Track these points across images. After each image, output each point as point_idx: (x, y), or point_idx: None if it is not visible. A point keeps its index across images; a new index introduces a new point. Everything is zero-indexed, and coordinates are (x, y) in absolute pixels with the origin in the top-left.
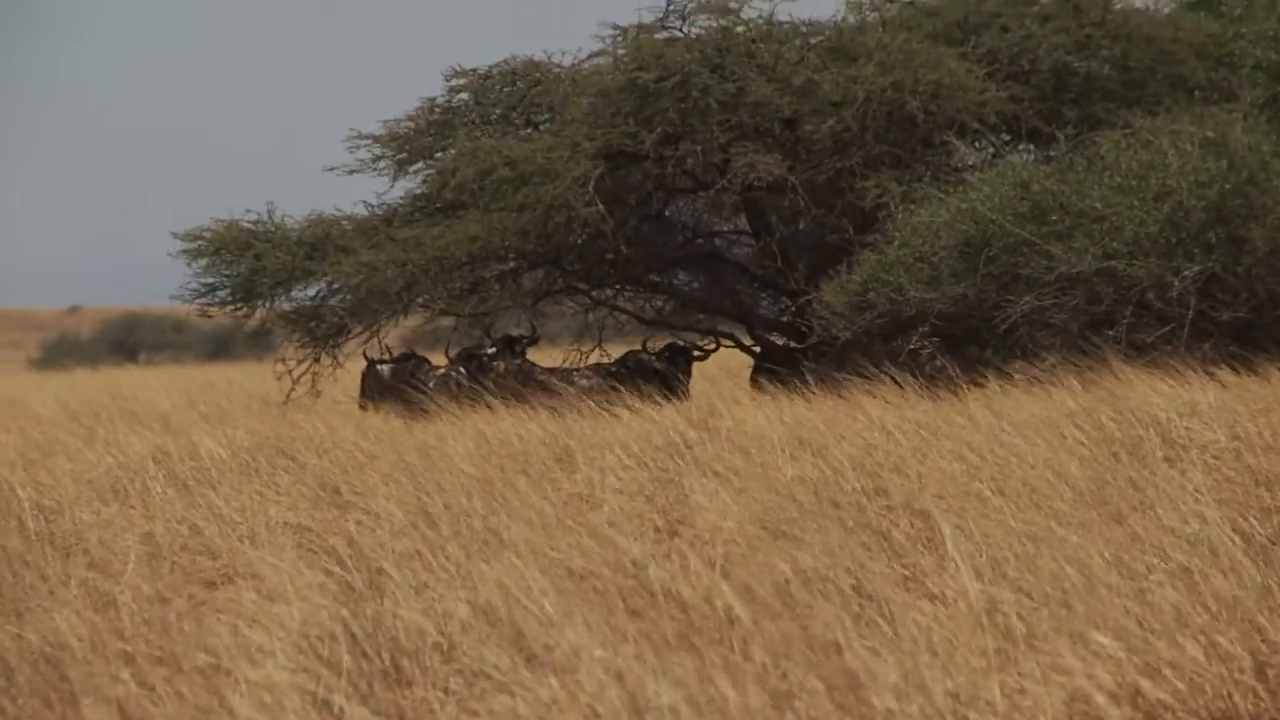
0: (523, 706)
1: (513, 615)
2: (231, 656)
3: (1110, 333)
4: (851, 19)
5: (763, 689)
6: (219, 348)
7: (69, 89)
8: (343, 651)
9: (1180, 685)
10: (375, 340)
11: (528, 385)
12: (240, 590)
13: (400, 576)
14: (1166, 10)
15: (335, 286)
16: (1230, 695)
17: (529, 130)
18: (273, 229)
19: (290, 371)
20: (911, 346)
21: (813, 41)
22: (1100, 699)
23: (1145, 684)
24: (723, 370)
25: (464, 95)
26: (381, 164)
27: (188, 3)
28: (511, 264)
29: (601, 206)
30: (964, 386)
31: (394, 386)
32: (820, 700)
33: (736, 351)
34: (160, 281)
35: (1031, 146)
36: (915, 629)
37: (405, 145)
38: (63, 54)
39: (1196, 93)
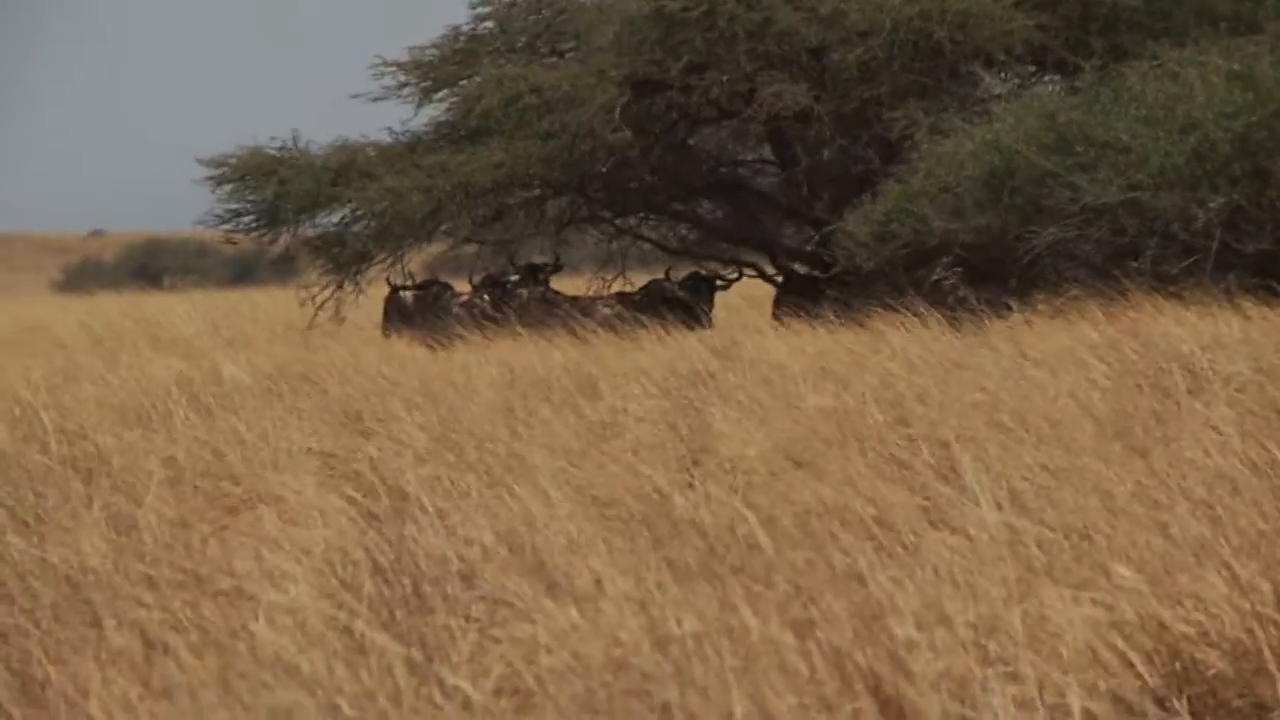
0: (544, 634)
1: (535, 543)
2: (255, 581)
3: (1134, 264)
4: None
5: (784, 618)
6: (242, 273)
7: (95, 15)
8: (365, 577)
9: (1201, 617)
10: (399, 267)
11: (551, 313)
12: (262, 515)
13: (423, 503)
14: None
15: (359, 213)
16: (1252, 629)
17: (554, 58)
18: (297, 155)
19: (314, 298)
20: (935, 277)
21: None
22: (1122, 630)
23: (1166, 615)
24: (745, 300)
25: (489, 23)
26: (406, 91)
27: None
28: (536, 191)
29: (629, 132)
30: (987, 318)
31: (417, 313)
32: (842, 629)
33: (759, 281)
34: (185, 207)
35: (1057, 77)
36: (936, 559)
37: (430, 73)
38: None
39: (1223, 24)
